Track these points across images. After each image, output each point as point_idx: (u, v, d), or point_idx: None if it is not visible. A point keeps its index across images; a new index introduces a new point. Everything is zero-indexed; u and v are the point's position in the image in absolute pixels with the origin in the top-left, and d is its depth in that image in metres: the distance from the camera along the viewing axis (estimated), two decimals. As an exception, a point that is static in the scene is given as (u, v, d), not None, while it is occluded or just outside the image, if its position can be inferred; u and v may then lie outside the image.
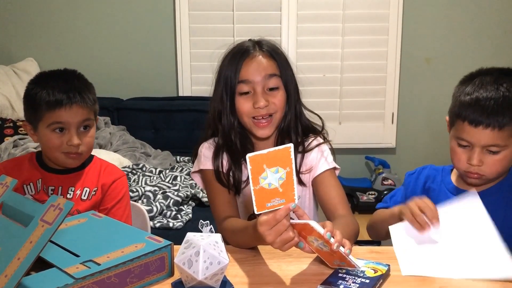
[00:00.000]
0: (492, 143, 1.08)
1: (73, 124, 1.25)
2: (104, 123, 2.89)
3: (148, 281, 0.95)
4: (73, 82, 1.28)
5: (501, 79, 1.11)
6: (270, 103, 1.24)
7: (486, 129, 1.07)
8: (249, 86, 1.24)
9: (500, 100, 1.07)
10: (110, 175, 1.36)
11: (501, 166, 1.11)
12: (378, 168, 3.18)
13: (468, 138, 1.10)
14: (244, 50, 1.27)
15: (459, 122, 1.12)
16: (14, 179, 0.98)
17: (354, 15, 3.10)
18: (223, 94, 1.28)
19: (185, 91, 3.21)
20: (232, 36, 3.10)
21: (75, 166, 1.32)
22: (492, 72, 1.14)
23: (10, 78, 2.91)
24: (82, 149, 1.28)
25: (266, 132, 1.27)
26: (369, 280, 0.93)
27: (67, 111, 1.24)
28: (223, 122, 1.30)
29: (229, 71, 1.26)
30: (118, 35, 3.19)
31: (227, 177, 1.29)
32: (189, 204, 2.20)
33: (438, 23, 3.15)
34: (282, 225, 0.91)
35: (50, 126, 1.25)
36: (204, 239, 0.88)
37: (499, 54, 3.11)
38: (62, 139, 1.25)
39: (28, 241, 0.81)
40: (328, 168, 1.30)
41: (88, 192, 1.32)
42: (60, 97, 1.23)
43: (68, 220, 1.10)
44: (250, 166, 0.89)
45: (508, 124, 1.07)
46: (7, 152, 2.39)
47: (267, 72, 1.24)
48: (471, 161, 1.10)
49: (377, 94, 3.20)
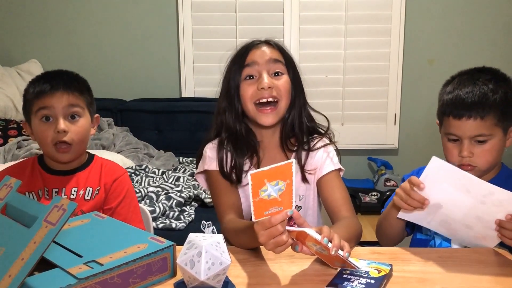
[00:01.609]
0: (478, 133, 1.16)
1: (59, 109, 1.25)
2: (108, 124, 2.90)
3: (151, 282, 0.95)
4: (61, 76, 1.31)
5: (476, 75, 1.21)
6: (274, 86, 1.25)
7: (469, 119, 1.16)
8: (254, 69, 1.26)
9: (477, 93, 1.16)
10: (111, 174, 1.36)
11: (491, 155, 1.18)
12: (380, 169, 3.18)
13: (455, 132, 1.18)
14: (250, 42, 1.31)
15: (445, 119, 1.21)
16: (18, 180, 0.98)
17: (356, 17, 3.11)
18: (229, 86, 1.29)
19: (188, 93, 3.22)
20: (234, 38, 3.11)
21: (69, 161, 1.31)
22: (468, 71, 1.25)
23: (14, 79, 2.93)
24: (71, 138, 1.26)
25: (269, 120, 1.27)
26: (374, 281, 0.94)
27: (51, 96, 1.25)
28: (228, 117, 1.31)
29: (235, 62, 1.29)
30: (121, 37, 3.20)
31: (229, 167, 1.30)
32: (192, 205, 2.20)
33: (440, 25, 3.15)
34: (276, 230, 0.92)
35: (37, 114, 1.26)
36: (206, 239, 0.89)
37: (500, 56, 3.11)
38: (50, 128, 1.26)
39: (32, 242, 0.82)
40: (333, 169, 1.31)
41: (91, 191, 1.32)
42: (45, 86, 1.26)
43: (71, 220, 1.10)
44: (251, 182, 0.91)
45: (488, 113, 1.15)
46: (11, 153, 2.40)
47: (272, 57, 1.27)
48: (462, 153, 1.18)
49: (380, 95, 3.20)
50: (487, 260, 1.07)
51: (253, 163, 1.32)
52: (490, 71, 1.23)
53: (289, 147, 1.34)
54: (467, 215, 1.07)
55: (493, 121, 1.16)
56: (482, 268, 1.03)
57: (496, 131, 1.17)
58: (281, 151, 1.34)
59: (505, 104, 1.16)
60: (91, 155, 1.39)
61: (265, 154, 1.33)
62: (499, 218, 1.05)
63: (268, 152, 1.34)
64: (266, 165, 1.31)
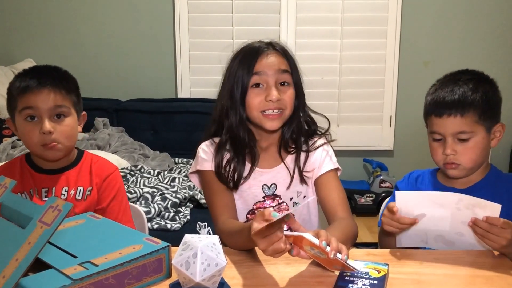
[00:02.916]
0: (459, 130, 1.19)
1: (44, 110, 1.21)
2: (103, 124, 2.89)
3: (146, 283, 0.95)
4: (50, 72, 1.26)
5: (457, 76, 1.25)
6: (281, 98, 1.26)
7: (449, 117, 1.19)
8: (262, 79, 1.26)
9: (457, 91, 1.20)
10: (102, 171, 1.33)
11: (474, 153, 1.20)
12: (376, 171, 3.18)
13: (437, 130, 1.22)
14: (258, 48, 1.30)
15: (429, 119, 1.25)
16: (13, 180, 0.97)
17: (352, 18, 3.12)
18: (234, 89, 1.28)
19: (184, 93, 3.21)
20: (231, 39, 3.11)
21: (57, 159, 1.28)
22: (451, 73, 1.28)
23: (9, 79, 2.86)
24: (57, 138, 1.23)
25: (274, 124, 1.28)
26: (377, 281, 0.94)
27: (37, 95, 1.21)
28: (231, 119, 1.30)
29: (242, 67, 1.28)
30: (118, 37, 3.20)
31: (227, 173, 1.29)
32: (187, 205, 2.20)
33: (436, 27, 3.16)
34: (275, 236, 0.92)
35: (22, 112, 1.22)
36: (202, 240, 0.88)
37: (495, 58, 3.12)
38: (35, 127, 1.22)
39: (26, 242, 0.81)
40: (332, 168, 1.32)
41: (82, 191, 1.29)
42: (32, 83, 1.21)
43: (66, 221, 1.10)
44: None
45: (468, 111, 1.18)
46: (6, 153, 2.39)
47: (280, 67, 1.28)
48: (446, 151, 1.20)
49: (375, 97, 3.21)
50: (482, 262, 1.07)
51: (250, 163, 1.32)
52: (472, 72, 1.26)
53: (286, 149, 1.34)
54: (453, 224, 1.10)
55: (474, 119, 1.18)
56: (477, 269, 1.04)
57: (477, 129, 1.19)
58: (277, 152, 1.34)
59: (486, 103, 1.19)
60: (80, 151, 1.36)
61: (261, 154, 1.34)
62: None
63: (264, 153, 1.34)
64: (259, 163, 1.32)
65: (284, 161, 1.33)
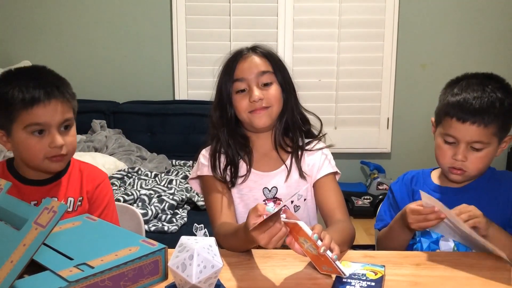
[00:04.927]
0: (477, 139, 1.15)
1: (54, 124, 1.13)
2: (100, 126, 2.89)
3: (142, 285, 0.94)
4: (47, 77, 1.17)
5: (486, 81, 1.19)
6: (265, 97, 1.27)
7: (472, 125, 1.14)
8: (244, 84, 1.28)
9: (486, 100, 1.15)
10: (93, 180, 1.27)
11: (482, 163, 1.18)
12: (373, 173, 3.19)
13: (455, 134, 1.17)
14: (238, 53, 1.32)
15: (447, 119, 1.19)
16: (8, 182, 0.97)
17: (350, 21, 3.12)
18: (222, 96, 1.31)
19: (181, 95, 3.21)
20: (228, 41, 3.11)
21: (60, 170, 1.21)
22: (476, 76, 1.22)
23: (6, 80, 2.90)
24: (67, 150, 1.16)
25: (263, 120, 1.29)
26: (374, 283, 0.95)
27: (46, 108, 1.11)
28: (222, 131, 1.32)
29: (224, 75, 1.31)
30: (115, 39, 3.20)
31: (224, 173, 1.32)
32: (184, 208, 2.20)
33: (433, 29, 3.17)
34: (275, 228, 0.94)
35: (27, 128, 1.12)
36: (198, 242, 0.88)
37: (493, 60, 3.13)
38: (43, 142, 1.13)
39: (21, 244, 0.81)
40: (331, 171, 1.33)
41: (72, 202, 1.23)
42: (37, 93, 1.10)
43: (62, 223, 1.09)
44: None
45: (492, 122, 1.14)
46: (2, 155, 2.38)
47: (260, 69, 1.29)
48: (456, 156, 1.17)
49: (373, 99, 3.22)
50: (478, 264, 1.07)
51: (246, 163, 1.33)
52: (498, 79, 1.21)
53: (284, 148, 1.34)
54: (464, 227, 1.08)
55: (493, 131, 1.15)
56: (473, 271, 1.04)
57: (493, 141, 1.16)
58: (275, 152, 1.35)
59: (507, 115, 1.16)
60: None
61: (259, 155, 1.35)
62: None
63: (264, 156, 1.35)
64: (259, 167, 1.32)
65: (285, 163, 1.33)
